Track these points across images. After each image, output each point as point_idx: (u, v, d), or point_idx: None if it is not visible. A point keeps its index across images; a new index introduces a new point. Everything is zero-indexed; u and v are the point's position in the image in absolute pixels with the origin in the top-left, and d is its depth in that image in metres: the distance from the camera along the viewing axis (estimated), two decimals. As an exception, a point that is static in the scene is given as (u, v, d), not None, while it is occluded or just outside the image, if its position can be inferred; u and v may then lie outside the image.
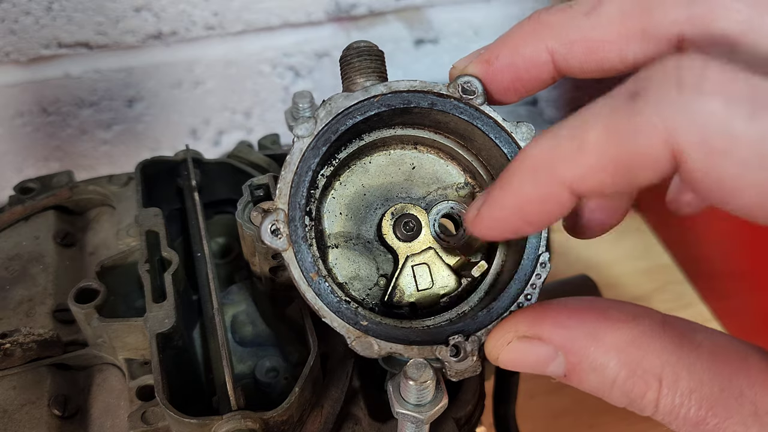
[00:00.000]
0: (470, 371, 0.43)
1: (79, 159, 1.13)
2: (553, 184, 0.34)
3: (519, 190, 0.35)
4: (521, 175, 0.35)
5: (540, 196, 0.34)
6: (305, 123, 0.44)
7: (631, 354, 0.36)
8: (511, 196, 0.36)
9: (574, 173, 0.33)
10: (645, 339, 0.36)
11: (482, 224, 0.38)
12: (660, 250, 1.23)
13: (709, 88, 0.29)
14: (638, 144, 0.30)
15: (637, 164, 0.31)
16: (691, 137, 0.29)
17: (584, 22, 0.41)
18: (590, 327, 0.37)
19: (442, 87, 0.46)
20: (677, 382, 0.35)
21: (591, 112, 0.32)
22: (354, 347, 0.42)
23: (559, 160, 0.33)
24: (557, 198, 0.34)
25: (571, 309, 0.38)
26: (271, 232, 0.43)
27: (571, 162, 0.32)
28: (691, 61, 0.30)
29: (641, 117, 0.30)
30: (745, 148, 0.29)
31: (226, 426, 0.47)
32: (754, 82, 0.30)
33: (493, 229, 0.38)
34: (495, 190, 0.37)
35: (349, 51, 0.47)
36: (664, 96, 0.30)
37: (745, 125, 0.28)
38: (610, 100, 0.32)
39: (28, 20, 0.95)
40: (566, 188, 0.33)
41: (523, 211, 0.36)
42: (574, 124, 0.33)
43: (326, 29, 1.11)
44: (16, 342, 0.55)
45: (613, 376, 0.36)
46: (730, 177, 0.29)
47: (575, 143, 0.32)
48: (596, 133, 0.32)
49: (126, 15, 0.99)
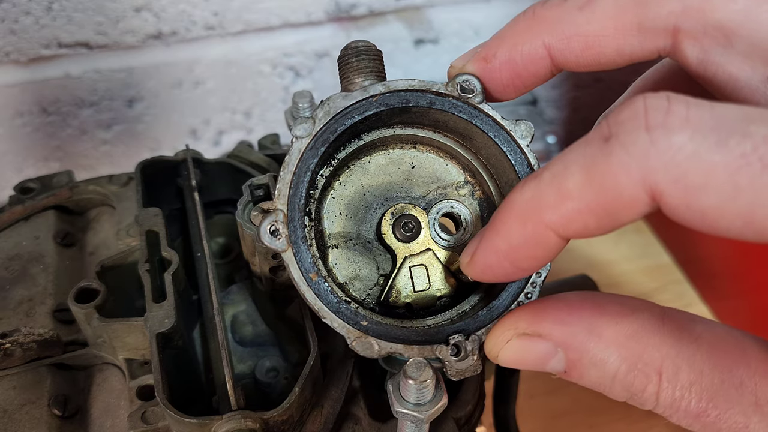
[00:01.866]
0: (471, 370, 0.43)
1: (79, 159, 1.13)
2: (540, 230, 0.34)
3: (508, 236, 0.36)
4: (510, 222, 0.36)
5: (529, 241, 0.35)
6: (303, 123, 0.44)
7: (630, 348, 0.36)
8: (502, 243, 0.37)
9: (559, 219, 0.33)
10: (644, 333, 0.36)
11: (476, 269, 0.39)
12: (660, 250, 1.23)
13: (676, 124, 0.30)
14: (616, 189, 0.31)
15: (617, 207, 0.32)
16: (665, 176, 0.30)
17: (579, 16, 0.41)
18: (589, 322, 0.37)
19: (440, 86, 0.46)
20: (677, 374, 0.35)
21: (569, 158, 0.33)
22: (354, 347, 0.42)
23: (544, 207, 0.34)
24: (546, 242, 0.35)
25: (571, 305, 0.39)
26: (270, 233, 0.43)
27: (555, 209, 0.33)
28: (657, 100, 0.31)
29: (616, 162, 0.31)
30: (719, 179, 0.29)
31: (226, 426, 0.47)
32: (718, 112, 0.30)
33: (486, 274, 0.39)
34: (486, 236, 0.38)
35: (347, 51, 0.47)
36: (635, 138, 0.30)
37: (715, 155, 0.29)
38: (585, 145, 0.33)
39: (28, 20, 0.95)
40: (553, 233, 0.34)
41: (513, 256, 0.37)
42: (556, 170, 0.34)
43: (326, 29, 1.11)
44: (16, 342, 0.55)
45: (613, 370, 0.36)
46: (711, 208, 0.30)
47: (557, 190, 0.33)
48: (575, 180, 0.32)
49: (126, 15, 0.99)
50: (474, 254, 0.39)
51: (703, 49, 0.39)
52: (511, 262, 0.37)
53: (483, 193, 0.50)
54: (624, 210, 0.32)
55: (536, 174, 0.35)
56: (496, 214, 0.37)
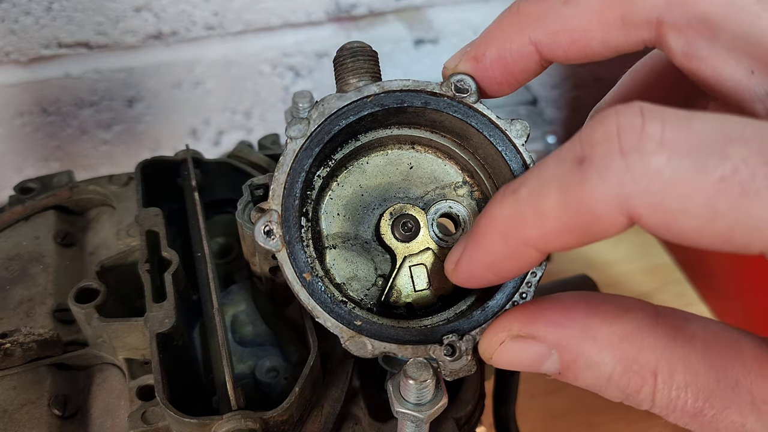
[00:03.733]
0: (465, 370, 0.43)
1: (79, 159, 1.13)
2: (520, 247, 0.35)
3: (490, 251, 0.37)
4: (491, 238, 0.36)
5: (509, 255, 0.36)
6: (298, 124, 0.44)
7: (625, 350, 0.36)
8: (484, 256, 0.37)
9: (538, 238, 0.34)
10: (638, 333, 0.36)
11: (460, 277, 0.40)
12: (660, 250, 1.23)
13: (651, 147, 0.29)
14: (593, 213, 0.31)
15: (595, 227, 0.32)
16: (643, 201, 0.29)
17: (564, 11, 0.41)
18: (583, 324, 0.37)
19: (435, 86, 0.46)
20: (672, 375, 0.35)
21: (546, 176, 0.33)
22: (347, 347, 0.42)
23: (523, 226, 0.34)
24: (527, 257, 0.35)
25: (564, 306, 0.39)
26: (265, 233, 0.43)
27: (533, 228, 0.34)
28: (630, 119, 0.30)
29: (590, 188, 0.31)
30: (697, 204, 0.29)
31: (226, 426, 0.47)
32: (696, 129, 0.29)
33: (470, 282, 0.40)
34: (469, 248, 0.38)
35: (343, 52, 0.47)
36: (609, 163, 0.30)
37: (692, 180, 0.28)
38: (560, 165, 0.32)
39: (28, 20, 0.95)
40: (533, 249, 0.35)
41: (496, 268, 0.37)
42: (533, 187, 0.34)
43: (326, 29, 1.11)
44: (16, 342, 0.55)
45: (608, 372, 0.36)
46: (690, 230, 0.30)
47: (534, 210, 0.33)
48: (552, 201, 0.32)
49: (126, 15, 0.99)
50: (458, 264, 0.39)
51: (688, 41, 0.39)
52: (494, 273, 0.38)
53: (481, 193, 0.50)
54: (602, 229, 0.32)
55: (514, 188, 0.35)
56: (477, 225, 0.37)
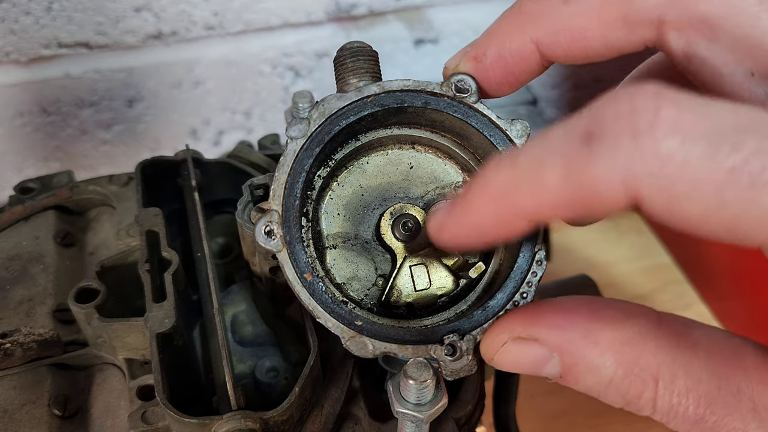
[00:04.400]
0: (465, 370, 0.43)
1: (79, 159, 1.13)
2: (511, 214, 0.34)
3: (480, 215, 0.35)
4: (482, 203, 0.35)
5: (499, 222, 0.35)
6: (298, 124, 0.44)
7: (626, 354, 0.36)
8: (473, 219, 0.36)
9: (533, 207, 0.33)
10: (641, 339, 0.36)
11: (442, 237, 0.38)
12: (660, 250, 1.23)
13: (664, 130, 0.29)
14: (595, 190, 0.30)
15: (593, 205, 0.31)
16: (650, 183, 0.29)
17: (564, 10, 0.41)
18: (585, 327, 0.37)
19: (435, 86, 0.46)
20: (674, 381, 0.35)
21: (549, 147, 0.32)
22: (348, 347, 0.42)
23: (519, 194, 0.33)
24: (516, 225, 0.34)
25: (567, 309, 0.38)
26: (265, 233, 0.43)
27: (530, 198, 0.33)
28: (645, 101, 0.30)
29: (598, 164, 0.30)
30: (706, 191, 0.28)
31: (226, 426, 0.47)
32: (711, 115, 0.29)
33: (452, 244, 0.38)
34: (457, 210, 0.37)
35: (343, 52, 0.47)
36: (619, 143, 0.29)
37: (704, 166, 0.28)
38: (567, 139, 0.31)
39: (28, 20, 0.95)
40: (525, 218, 0.34)
41: (482, 232, 0.36)
42: (534, 156, 0.33)
43: (326, 29, 1.11)
44: (16, 342, 0.55)
45: (609, 376, 0.36)
46: (694, 216, 0.29)
47: (534, 180, 0.32)
48: (554, 173, 0.31)
49: (126, 15, 0.99)
50: (444, 224, 0.38)
51: (688, 41, 0.38)
52: (478, 237, 0.37)
53: (482, 194, 0.50)
54: (601, 208, 0.31)
55: (512, 156, 0.34)
56: (468, 189, 0.36)
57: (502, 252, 0.48)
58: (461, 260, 0.48)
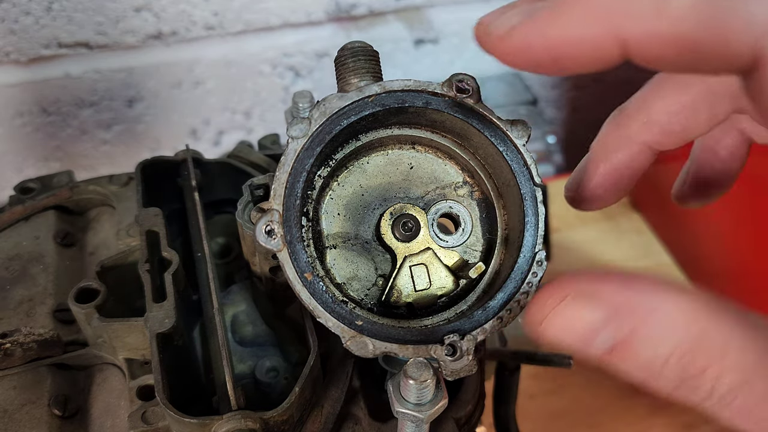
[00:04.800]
0: (466, 370, 0.43)
1: (79, 159, 1.13)
2: (607, 38, 0.28)
3: (568, 27, 0.30)
4: (576, 13, 0.29)
5: (586, 43, 0.29)
6: (299, 124, 0.44)
7: (694, 323, 0.32)
8: (557, 30, 0.30)
9: (638, 36, 0.28)
10: (707, 312, 0.32)
11: (509, 43, 0.32)
12: (660, 250, 1.23)
13: None
14: (727, 30, 0.26)
15: (714, 52, 0.26)
16: None
17: None
18: (651, 294, 0.33)
19: (436, 86, 0.46)
20: (744, 356, 0.31)
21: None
22: (349, 347, 0.42)
23: (628, 14, 0.28)
24: (603, 52, 0.29)
25: (629, 276, 0.34)
26: (266, 233, 0.43)
27: (641, 24, 0.27)
28: None
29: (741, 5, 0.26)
30: None
31: (226, 426, 0.47)
32: None
33: (514, 54, 0.33)
34: (545, 13, 0.30)
35: (344, 51, 0.47)
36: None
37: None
38: None
39: (28, 20, 0.95)
40: (619, 46, 0.28)
41: (559, 50, 0.30)
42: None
43: (326, 29, 1.11)
44: (16, 342, 0.55)
45: (670, 348, 0.32)
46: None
47: (655, 4, 0.27)
48: (684, 2, 0.26)
49: (126, 15, 0.99)
50: (516, 29, 0.32)
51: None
52: (550, 55, 0.31)
53: (482, 194, 0.50)
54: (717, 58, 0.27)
55: None
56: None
57: (502, 252, 0.48)
58: (461, 260, 0.48)
